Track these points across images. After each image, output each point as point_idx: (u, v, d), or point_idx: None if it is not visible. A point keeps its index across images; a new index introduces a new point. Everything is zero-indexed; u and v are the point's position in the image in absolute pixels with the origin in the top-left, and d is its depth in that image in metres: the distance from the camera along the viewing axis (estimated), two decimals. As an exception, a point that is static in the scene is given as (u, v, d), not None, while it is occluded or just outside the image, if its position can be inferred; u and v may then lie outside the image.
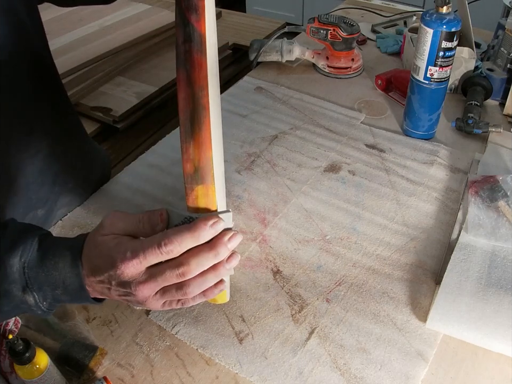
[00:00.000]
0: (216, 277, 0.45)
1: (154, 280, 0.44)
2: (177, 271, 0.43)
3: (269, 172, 0.81)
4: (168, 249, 0.43)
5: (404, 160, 0.83)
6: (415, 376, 0.54)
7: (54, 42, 1.47)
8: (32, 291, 0.45)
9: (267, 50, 1.08)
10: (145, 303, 0.46)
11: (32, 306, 0.46)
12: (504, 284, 0.60)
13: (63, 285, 0.45)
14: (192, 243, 0.43)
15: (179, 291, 0.45)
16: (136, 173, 0.82)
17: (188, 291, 0.44)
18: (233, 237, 0.45)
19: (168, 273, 0.43)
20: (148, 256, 0.43)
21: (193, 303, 0.47)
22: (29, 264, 0.45)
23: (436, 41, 0.76)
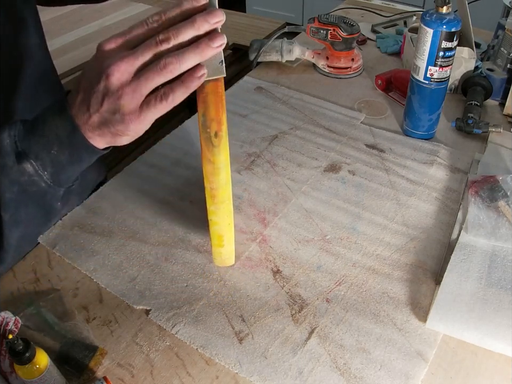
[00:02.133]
0: (196, 52, 0.43)
1: (134, 52, 0.42)
2: (158, 37, 0.42)
3: (269, 172, 0.81)
4: (153, 19, 0.42)
5: (404, 160, 0.83)
6: (415, 376, 0.54)
7: (54, 42, 1.47)
8: (28, 159, 0.45)
9: (267, 50, 1.08)
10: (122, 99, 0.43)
11: (33, 176, 0.45)
12: (504, 284, 0.60)
13: (56, 137, 0.45)
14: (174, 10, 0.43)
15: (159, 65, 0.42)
16: (136, 173, 0.82)
17: (168, 62, 0.42)
18: (214, 11, 0.43)
19: (149, 41, 0.42)
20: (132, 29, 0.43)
21: (173, 97, 0.44)
22: (19, 137, 0.45)
23: (435, 41, 0.76)
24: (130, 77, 0.43)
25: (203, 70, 0.44)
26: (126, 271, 0.65)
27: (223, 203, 0.54)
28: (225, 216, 0.55)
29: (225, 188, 0.52)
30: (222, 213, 0.55)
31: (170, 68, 0.42)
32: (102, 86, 0.43)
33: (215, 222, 0.55)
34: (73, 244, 0.69)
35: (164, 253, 0.68)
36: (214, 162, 0.49)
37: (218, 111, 0.47)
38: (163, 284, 0.64)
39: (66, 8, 1.71)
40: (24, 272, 0.66)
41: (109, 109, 0.44)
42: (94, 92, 0.43)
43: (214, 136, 0.48)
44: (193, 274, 0.65)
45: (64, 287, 0.64)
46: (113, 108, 0.44)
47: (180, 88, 0.44)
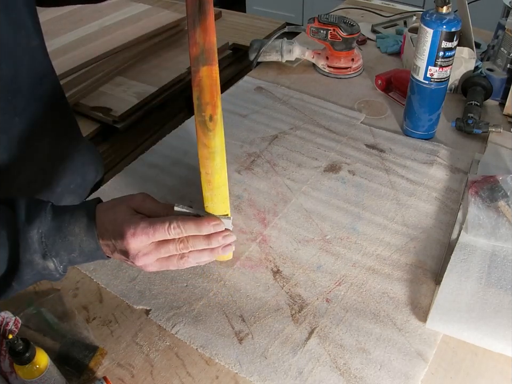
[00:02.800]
0: (211, 256, 0.55)
1: (157, 251, 0.52)
2: (177, 245, 0.52)
3: (269, 172, 0.81)
4: (174, 232, 0.51)
5: (404, 160, 0.83)
6: (414, 376, 0.54)
7: (54, 42, 1.47)
8: (51, 257, 0.50)
9: (267, 50, 1.08)
10: (144, 268, 0.53)
11: (52, 271, 0.51)
12: (504, 284, 0.60)
13: (79, 247, 0.51)
14: (194, 232, 0.52)
15: (179, 261, 0.53)
16: (136, 173, 0.82)
17: (187, 261, 0.54)
18: (227, 237, 0.55)
19: (171, 246, 0.52)
20: (156, 234, 0.51)
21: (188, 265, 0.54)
22: (46, 234, 0.49)
23: (436, 41, 0.76)
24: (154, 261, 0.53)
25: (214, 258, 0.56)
26: (126, 271, 0.65)
27: (218, 188, 0.54)
28: (221, 202, 0.55)
29: (220, 172, 0.53)
30: (218, 199, 0.55)
31: (187, 264, 0.54)
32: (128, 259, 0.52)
33: (211, 208, 0.55)
34: (73, 243, 0.69)
35: (163, 253, 0.68)
36: (209, 146, 0.50)
37: (213, 94, 0.47)
38: (163, 284, 0.64)
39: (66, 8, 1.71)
40: (24, 272, 0.66)
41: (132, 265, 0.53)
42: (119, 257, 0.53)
43: (209, 120, 0.48)
44: (193, 274, 0.65)
45: (64, 287, 0.64)
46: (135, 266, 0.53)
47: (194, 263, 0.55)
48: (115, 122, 1.28)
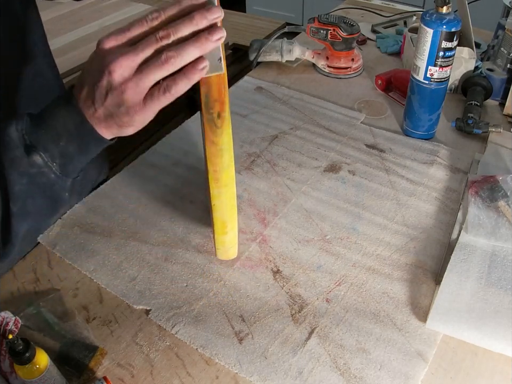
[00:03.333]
0: (196, 46, 0.44)
1: (135, 48, 0.44)
2: (157, 35, 0.44)
3: (269, 172, 0.81)
4: (152, 16, 0.44)
5: (404, 160, 0.83)
6: (414, 376, 0.54)
7: (54, 42, 1.47)
8: (37, 151, 0.46)
9: (267, 50, 1.08)
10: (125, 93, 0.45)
11: (42, 167, 0.47)
12: (504, 284, 0.60)
13: (65, 129, 0.47)
14: (174, 8, 0.44)
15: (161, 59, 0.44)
16: (136, 173, 0.82)
17: (170, 56, 0.43)
18: (212, 8, 0.44)
19: (149, 38, 0.44)
20: (132, 26, 0.44)
21: (176, 89, 0.45)
22: (27, 130, 0.46)
23: (436, 41, 0.76)
24: (132, 72, 0.44)
25: (204, 63, 0.45)
26: (126, 271, 0.65)
27: (226, 186, 0.53)
28: (228, 200, 0.55)
29: (228, 170, 0.52)
30: (225, 196, 0.54)
31: (171, 61, 0.44)
32: (105, 82, 0.44)
33: (218, 207, 0.54)
34: (73, 243, 0.69)
35: (164, 253, 0.68)
36: (217, 143, 0.49)
37: (221, 91, 0.47)
38: (163, 284, 0.64)
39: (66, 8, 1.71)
40: (24, 272, 0.66)
41: (113, 103, 0.45)
42: (98, 87, 0.45)
43: (217, 117, 0.48)
44: (193, 274, 0.65)
45: (64, 287, 0.64)
46: (117, 102, 0.45)
47: (182, 80, 0.45)
48: (115, 122, 1.28)
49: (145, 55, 0.44)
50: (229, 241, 0.63)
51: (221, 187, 0.53)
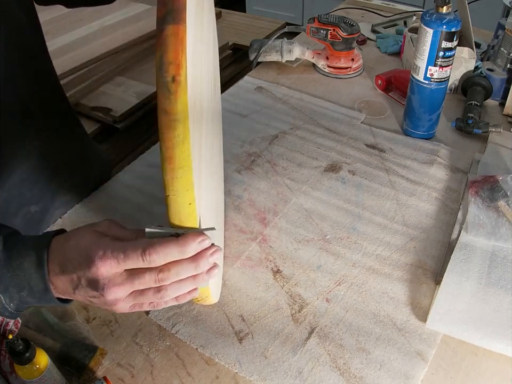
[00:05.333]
0: (194, 285, 0.46)
1: (131, 283, 0.44)
2: (156, 276, 0.44)
3: (269, 172, 0.81)
4: (151, 259, 0.43)
5: (404, 160, 0.83)
6: (414, 376, 0.54)
7: (54, 42, 1.47)
8: None
9: (267, 50, 1.08)
10: (113, 306, 0.45)
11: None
12: (504, 284, 0.60)
13: (28, 286, 0.45)
14: (178, 256, 0.44)
15: (156, 294, 0.45)
16: (136, 173, 0.82)
17: (166, 294, 0.45)
18: (215, 252, 0.46)
19: (148, 277, 0.44)
20: (128, 260, 0.43)
21: (164, 305, 0.47)
22: None
23: (435, 41, 0.76)
24: (126, 295, 0.45)
25: (197, 292, 0.47)
26: (126, 271, 0.65)
27: (181, 168, 0.43)
28: (184, 189, 0.44)
29: (182, 147, 0.43)
30: (180, 184, 0.44)
31: (166, 297, 0.45)
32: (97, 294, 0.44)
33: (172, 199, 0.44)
34: (73, 243, 0.69)
35: (163, 252, 0.67)
36: (170, 112, 0.43)
37: (177, 53, 0.42)
38: (163, 284, 0.63)
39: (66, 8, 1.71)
40: (24, 272, 0.65)
41: (98, 303, 0.46)
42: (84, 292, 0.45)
43: (171, 81, 0.42)
44: (193, 274, 0.65)
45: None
46: (103, 304, 0.46)
47: (173, 302, 0.47)
48: (115, 122, 1.28)
49: (140, 288, 0.45)
50: None
51: (175, 170, 0.44)
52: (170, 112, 0.43)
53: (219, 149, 0.69)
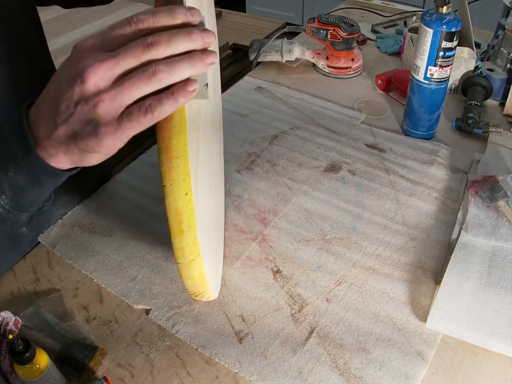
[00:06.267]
0: (189, 65, 0.38)
1: (115, 55, 0.36)
2: (146, 40, 0.36)
3: (269, 172, 0.81)
4: (139, 18, 0.37)
5: (404, 160, 0.83)
6: (414, 376, 0.54)
7: (54, 42, 1.47)
8: None
9: (267, 50, 1.08)
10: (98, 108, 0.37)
11: None
12: (504, 284, 0.60)
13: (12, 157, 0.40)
14: (166, 17, 0.37)
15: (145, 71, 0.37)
16: (136, 172, 0.82)
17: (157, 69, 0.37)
18: (208, 31, 0.39)
19: (135, 44, 0.36)
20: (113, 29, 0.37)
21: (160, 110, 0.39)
22: None
23: (435, 41, 0.76)
24: (110, 83, 0.37)
25: (195, 85, 0.39)
26: (126, 270, 0.65)
27: (177, 158, 0.44)
28: (181, 179, 0.44)
29: (179, 137, 0.43)
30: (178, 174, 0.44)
31: (160, 77, 0.37)
32: (76, 91, 0.37)
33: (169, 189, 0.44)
34: (73, 243, 0.69)
35: (164, 252, 0.68)
36: None
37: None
38: (163, 284, 0.64)
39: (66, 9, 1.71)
40: (24, 272, 0.66)
41: (81, 118, 0.38)
42: (65, 98, 0.38)
43: None
44: (193, 274, 0.65)
45: (64, 287, 0.64)
46: (86, 118, 0.38)
47: (169, 100, 0.39)
48: (115, 122, 1.28)
49: (126, 64, 0.37)
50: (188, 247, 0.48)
51: (172, 160, 0.43)
52: None
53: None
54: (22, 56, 0.64)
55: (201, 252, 0.48)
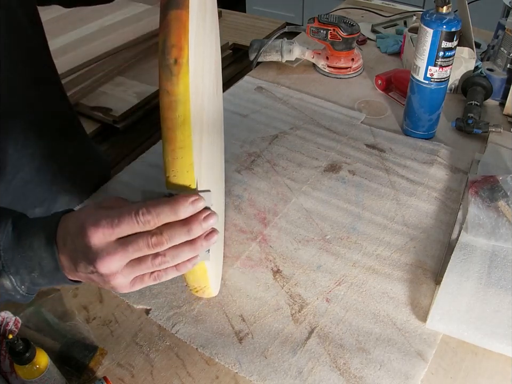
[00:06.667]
0: (192, 251, 0.44)
1: (125, 250, 0.42)
2: (149, 240, 0.42)
3: (269, 172, 0.81)
4: (145, 219, 0.42)
5: (404, 160, 0.83)
6: (414, 376, 0.54)
7: (54, 42, 1.47)
8: (8, 274, 0.44)
9: (267, 50, 1.08)
10: (112, 281, 0.44)
11: (9, 291, 0.45)
12: (504, 284, 0.60)
13: (39, 266, 0.44)
14: (170, 217, 0.42)
15: (154, 261, 0.43)
16: (136, 172, 0.82)
17: (163, 261, 0.43)
18: (209, 216, 0.44)
19: (141, 242, 0.42)
20: (122, 224, 0.42)
21: (165, 278, 0.46)
22: (4, 247, 0.44)
23: (435, 41, 0.76)
24: (122, 267, 0.44)
25: (197, 259, 0.46)
26: (126, 271, 0.65)
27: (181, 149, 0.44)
28: (184, 170, 0.44)
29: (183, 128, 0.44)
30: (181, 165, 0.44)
31: (165, 265, 0.44)
32: (91, 269, 0.43)
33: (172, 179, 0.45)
34: (73, 243, 0.69)
35: (164, 252, 0.68)
36: (172, 93, 0.44)
37: (180, 37, 0.43)
38: (163, 283, 0.64)
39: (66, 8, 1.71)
40: (24, 272, 0.65)
41: (98, 281, 0.45)
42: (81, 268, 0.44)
43: (174, 63, 0.44)
44: (193, 274, 0.65)
45: (64, 287, 0.64)
46: (102, 282, 0.45)
47: (173, 272, 0.46)
48: (115, 122, 1.28)
49: (135, 256, 0.43)
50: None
51: (176, 150, 0.44)
52: (172, 93, 0.44)
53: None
54: (23, 56, 0.64)
55: None
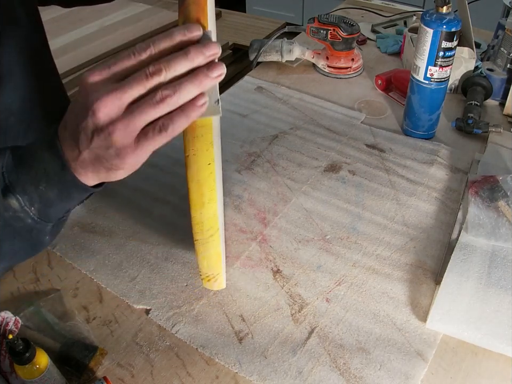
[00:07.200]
0: (195, 83, 0.40)
1: (122, 85, 0.39)
2: (147, 70, 0.39)
3: (269, 172, 0.81)
4: (139, 47, 0.39)
5: (404, 160, 0.83)
6: (414, 376, 0.54)
7: (54, 42, 1.47)
8: (14, 193, 0.42)
9: (267, 50, 1.08)
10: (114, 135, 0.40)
11: (18, 212, 0.43)
12: (504, 284, 0.60)
13: (45, 173, 0.42)
14: (165, 41, 0.40)
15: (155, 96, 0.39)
16: (137, 172, 0.81)
17: (165, 94, 0.39)
18: (209, 44, 0.40)
19: (138, 74, 0.39)
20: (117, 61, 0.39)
21: (173, 128, 0.40)
22: (7, 168, 0.42)
23: (435, 41, 0.76)
24: (121, 112, 0.40)
25: (204, 98, 0.41)
26: (126, 270, 0.65)
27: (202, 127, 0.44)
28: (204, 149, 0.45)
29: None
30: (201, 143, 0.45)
31: (167, 101, 0.39)
32: (90, 122, 0.40)
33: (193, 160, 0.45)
34: (73, 243, 0.69)
35: (164, 252, 0.68)
36: None
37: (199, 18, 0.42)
38: (163, 284, 0.64)
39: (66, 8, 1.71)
40: (24, 272, 0.66)
41: (101, 145, 0.41)
42: (81, 129, 0.40)
43: None
44: (193, 274, 0.65)
45: (64, 287, 0.64)
46: (105, 144, 0.41)
47: (180, 118, 0.41)
48: (115, 122, 1.28)
49: (134, 93, 0.39)
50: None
51: (196, 128, 0.44)
52: None
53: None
54: (23, 57, 0.64)
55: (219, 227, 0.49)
